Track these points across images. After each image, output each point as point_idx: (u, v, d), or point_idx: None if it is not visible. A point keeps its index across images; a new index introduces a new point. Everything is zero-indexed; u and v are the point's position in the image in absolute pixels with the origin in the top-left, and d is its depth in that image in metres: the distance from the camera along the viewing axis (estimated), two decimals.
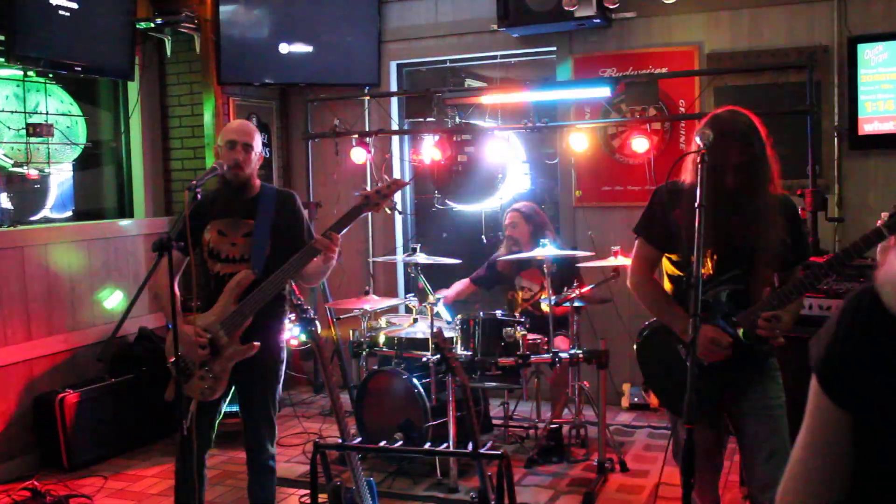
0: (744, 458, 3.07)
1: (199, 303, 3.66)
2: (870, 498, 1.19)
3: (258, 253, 3.65)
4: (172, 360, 3.63)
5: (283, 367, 3.84)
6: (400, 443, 4.54)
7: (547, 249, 5.00)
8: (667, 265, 3.17)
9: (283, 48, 6.55)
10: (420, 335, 5.18)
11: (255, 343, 3.57)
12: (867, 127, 5.44)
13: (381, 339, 5.25)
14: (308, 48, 6.60)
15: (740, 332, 2.92)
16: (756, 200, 2.90)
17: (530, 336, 4.84)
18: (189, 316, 3.54)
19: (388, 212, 3.82)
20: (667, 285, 3.18)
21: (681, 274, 3.11)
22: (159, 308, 3.80)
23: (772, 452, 2.93)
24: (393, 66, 6.96)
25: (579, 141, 5.80)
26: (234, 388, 3.72)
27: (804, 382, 1.34)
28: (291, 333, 6.00)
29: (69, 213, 6.18)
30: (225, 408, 3.84)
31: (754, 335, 2.88)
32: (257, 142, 3.74)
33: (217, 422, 3.77)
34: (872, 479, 1.17)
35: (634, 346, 3.29)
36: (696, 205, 2.65)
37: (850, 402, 1.15)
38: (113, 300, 5.96)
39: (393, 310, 6.08)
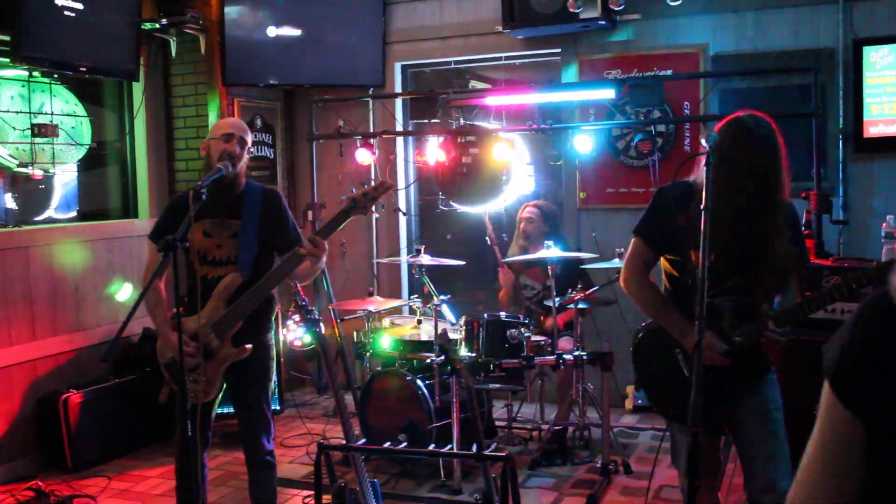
0: (743, 463, 3.06)
1: (187, 305, 3.64)
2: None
3: (246, 255, 3.64)
4: (164, 362, 3.65)
5: (274, 364, 3.85)
6: (404, 444, 4.53)
7: (552, 251, 5.00)
8: (665, 265, 3.13)
9: (288, 49, 6.56)
10: (424, 336, 5.19)
11: (248, 346, 3.58)
12: (872, 130, 5.43)
13: (386, 340, 5.25)
14: (313, 49, 6.61)
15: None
16: (772, 208, 2.86)
17: (534, 338, 4.84)
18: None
19: (377, 215, 3.80)
20: (665, 285, 3.15)
21: (679, 275, 3.07)
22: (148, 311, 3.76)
23: (770, 456, 2.92)
24: (397, 67, 6.97)
25: (584, 143, 5.79)
26: (225, 387, 3.72)
27: (803, 384, 1.34)
28: (296, 334, 6.03)
29: (73, 214, 6.18)
30: (225, 407, 3.84)
31: (752, 347, 2.89)
32: (249, 139, 3.75)
33: (212, 422, 3.77)
34: (884, 485, 1.16)
35: (630, 348, 3.28)
36: (702, 207, 2.64)
37: (862, 407, 1.15)
38: (123, 294, 6.00)
39: (397, 311, 6.08)
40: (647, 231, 3.09)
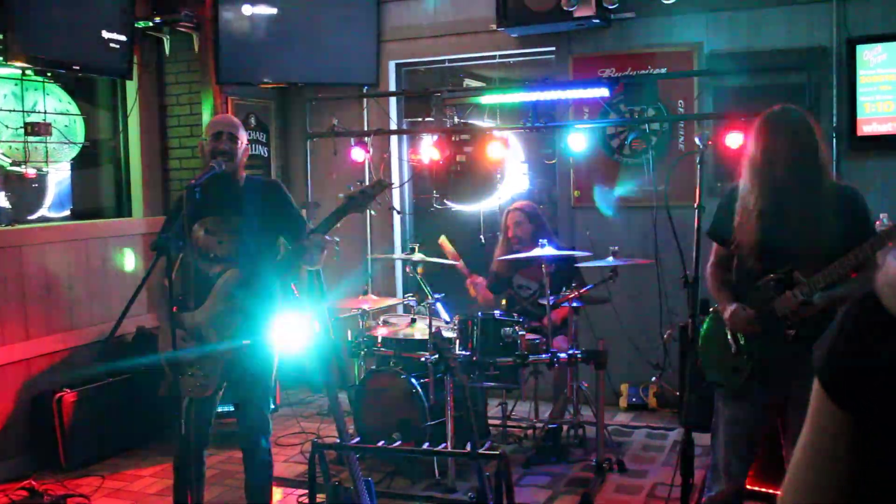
0: (786, 450, 3.20)
1: (191, 302, 3.65)
2: (870, 502, 1.19)
3: (246, 251, 3.64)
4: (164, 357, 3.64)
5: (275, 364, 3.84)
6: (398, 443, 4.54)
7: (546, 249, 5.00)
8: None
9: (282, 47, 6.55)
10: (418, 335, 5.19)
11: (245, 342, 3.58)
12: (866, 128, 5.44)
13: (380, 339, 5.25)
14: (307, 48, 6.60)
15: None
16: (810, 196, 2.99)
17: (529, 336, 4.84)
18: (180, 315, 3.53)
19: (374, 213, 3.81)
20: (734, 276, 3.34)
21: (738, 264, 3.26)
22: (154, 307, 3.79)
23: None
24: (392, 65, 6.96)
25: (578, 141, 5.79)
26: (226, 384, 3.72)
27: None
28: (291, 333, 6.02)
29: (67, 213, 6.17)
30: (220, 406, 3.85)
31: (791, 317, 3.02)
32: (242, 134, 3.73)
33: (213, 418, 3.77)
34: (872, 482, 1.17)
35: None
36: (696, 206, 2.67)
37: (851, 404, 1.15)
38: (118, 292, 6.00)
39: (391, 309, 6.08)
40: (712, 230, 3.34)
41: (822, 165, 3.01)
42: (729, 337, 3.19)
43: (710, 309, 3.44)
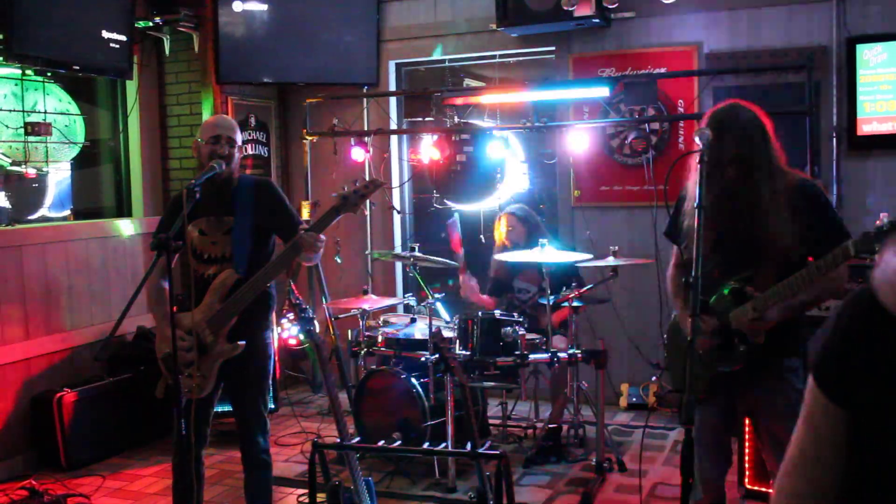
0: (767, 459, 3.15)
1: (187, 303, 3.65)
2: (865, 498, 1.19)
3: (240, 251, 3.64)
4: (161, 357, 3.65)
5: (272, 363, 3.85)
6: (398, 442, 4.54)
7: (546, 250, 4.99)
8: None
9: (282, 47, 6.55)
10: (418, 335, 5.19)
11: (241, 342, 3.58)
12: (866, 127, 5.44)
13: (380, 338, 5.24)
14: (307, 47, 6.60)
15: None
16: (757, 193, 2.88)
17: (529, 336, 4.84)
18: (176, 316, 3.53)
19: (368, 213, 3.80)
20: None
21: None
22: (149, 308, 3.78)
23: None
24: (392, 65, 6.96)
25: (578, 141, 5.79)
26: (223, 384, 3.73)
27: None
28: (290, 333, 6.02)
29: (67, 212, 6.17)
30: (219, 406, 3.85)
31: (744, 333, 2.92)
32: (239, 137, 3.74)
33: (211, 418, 3.77)
34: (868, 478, 1.17)
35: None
36: (696, 205, 2.66)
37: (846, 400, 1.16)
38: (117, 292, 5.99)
39: (391, 309, 6.08)
40: (667, 230, 3.30)
41: (771, 161, 2.89)
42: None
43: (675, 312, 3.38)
